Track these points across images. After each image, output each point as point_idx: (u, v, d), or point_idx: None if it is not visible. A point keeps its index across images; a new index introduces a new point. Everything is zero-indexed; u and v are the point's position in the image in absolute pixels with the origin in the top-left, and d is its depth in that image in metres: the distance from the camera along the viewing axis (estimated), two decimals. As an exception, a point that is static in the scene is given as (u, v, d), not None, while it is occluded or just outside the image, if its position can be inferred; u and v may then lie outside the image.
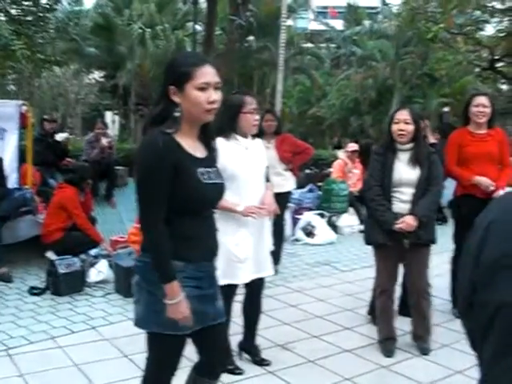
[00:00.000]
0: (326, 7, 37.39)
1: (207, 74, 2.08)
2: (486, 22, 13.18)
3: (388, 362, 3.79)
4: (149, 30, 20.34)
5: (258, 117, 3.52)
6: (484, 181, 4.36)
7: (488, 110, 4.45)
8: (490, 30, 13.41)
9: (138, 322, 2.21)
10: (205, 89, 2.07)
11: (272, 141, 5.77)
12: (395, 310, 4.10)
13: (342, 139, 18.45)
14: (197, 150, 2.18)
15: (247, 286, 3.58)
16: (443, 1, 11.82)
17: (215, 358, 2.36)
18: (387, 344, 3.96)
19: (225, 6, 14.50)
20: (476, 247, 1.24)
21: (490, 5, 12.09)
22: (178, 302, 2.07)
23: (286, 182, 5.87)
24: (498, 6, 11.98)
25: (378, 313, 4.06)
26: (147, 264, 2.10)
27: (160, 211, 2.06)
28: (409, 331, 4.11)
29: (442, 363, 3.75)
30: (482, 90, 11.43)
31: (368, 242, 3.99)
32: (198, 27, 13.63)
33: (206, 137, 2.24)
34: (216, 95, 2.09)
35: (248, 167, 3.39)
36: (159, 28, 20.56)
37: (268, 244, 3.61)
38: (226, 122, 3.41)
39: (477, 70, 14.76)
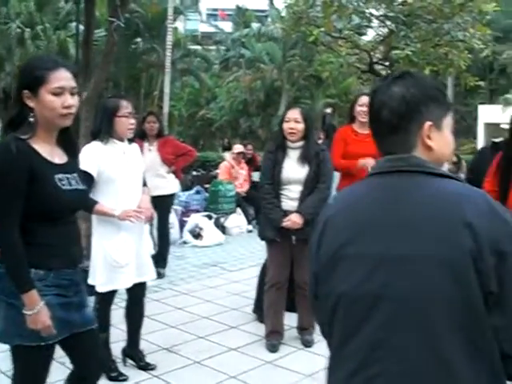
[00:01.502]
0: (215, 9, 37.57)
1: (62, 78, 2.03)
2: (369, 27, 13.81)
3: (273, 357, 3.88)
4: (28, 29, 19.32)
5: (133, 120, 3.48)
6: (370, 162, 4.15)
7: None
8: (372, 34, 14.07)
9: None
10: (60, 93, 2.02)
11: (155, 143, 5.74)
12: (284, 304, 4.18)
13: (232, 140, 18.62)
14: (55, 156, 2.13)
15: (129, 290, 3.54)
16: (324, 6, 12.25)
17: (87, 367, 2.31)
18: (273, 338, 4.04)
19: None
20: (316, 242, 1.32)
21: (367, 11, 12.65)
22: (38, 312, 2.01)
23: (169, 184, 5.86)
24: (375, 12, 12.59)
25: (266, 306, 4.11)
26: (4, 275, 2.02)
27: (13, 219, 1.99)
28: (293, 326, 4.23)
29: (324, 354, 3.87)
30: (365, 91, 11.95)
31: (261, 238, 4.11)
32: (82, 27, 13.09)
33: (66, 142, 2.19)
34: (72, 100, 2.05)
35: (125, 171, 3.36)
36: (40, 28, 19.60)
37: (148, 248, 3.60)
38: (102, 126, 3.36)
39: (358, 72, 15.43)
